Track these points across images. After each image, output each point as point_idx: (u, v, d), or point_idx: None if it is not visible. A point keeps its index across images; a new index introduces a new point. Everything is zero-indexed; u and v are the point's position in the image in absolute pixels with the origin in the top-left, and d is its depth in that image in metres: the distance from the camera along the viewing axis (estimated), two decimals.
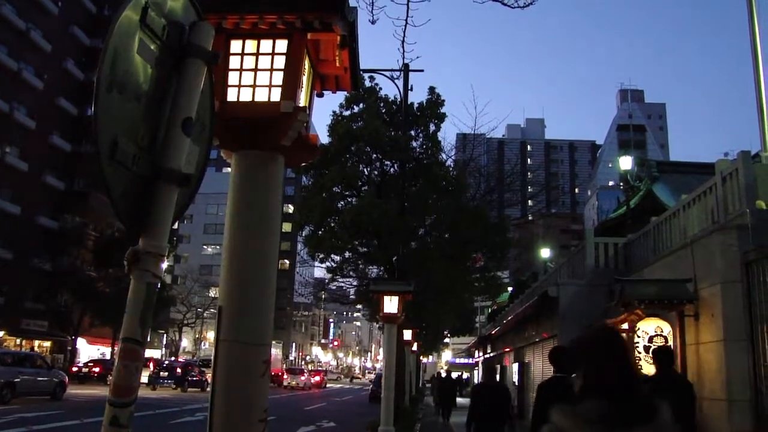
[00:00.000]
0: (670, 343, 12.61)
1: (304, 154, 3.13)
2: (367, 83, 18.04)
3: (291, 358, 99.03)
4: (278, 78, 2.87)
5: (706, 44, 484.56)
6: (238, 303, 2.82)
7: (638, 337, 12.79)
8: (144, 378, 38.61)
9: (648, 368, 12.57)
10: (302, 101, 2.99)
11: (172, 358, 57.19)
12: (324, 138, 18.19)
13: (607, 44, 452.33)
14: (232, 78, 2.90)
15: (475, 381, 44.90)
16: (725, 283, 11.42)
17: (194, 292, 69.21)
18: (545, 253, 41.08)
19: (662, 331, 12.69)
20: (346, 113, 17.79)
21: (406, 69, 18.12)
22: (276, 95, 2.85)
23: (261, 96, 2.88)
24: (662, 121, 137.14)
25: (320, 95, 3.37)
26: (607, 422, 2.14)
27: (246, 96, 2.89)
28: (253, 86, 2.89)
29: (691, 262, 12.79)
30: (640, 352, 12.69)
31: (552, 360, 7.67)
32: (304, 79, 3.03)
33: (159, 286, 2.01)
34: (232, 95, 2.89)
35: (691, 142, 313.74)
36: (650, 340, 12.65)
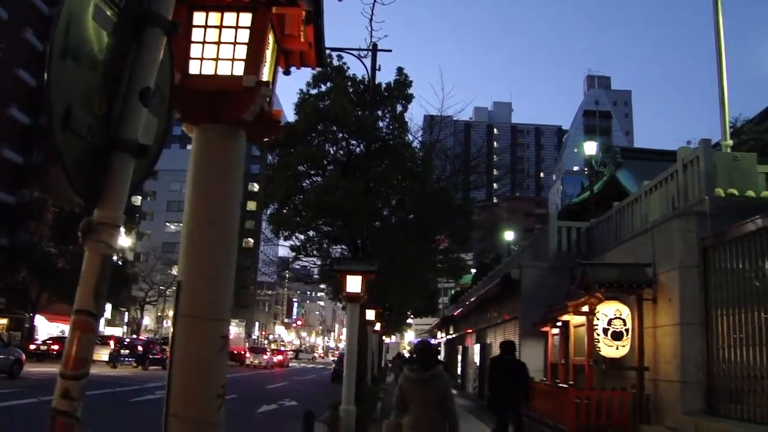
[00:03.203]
0: (629, 326, 12.84)
1: (266, 129, 3.09)
2: (335, 62, 17.89)
3: (254, 337, 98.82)
4: (241, 52, 2.82)
5: (673, 33, 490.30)
6: (197, 278, 2.79)
7: (598, 319, 13.00)
8: (104, 356, 38.28)
9: (606, 349, 12.85)
10: (265, 76, 2.95)
11: (134, 336, 56.66)
12: (291, 116, 18.04)
13: (576, 30, 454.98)
14: (195, 51, 2.84)
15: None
16: (683, 269, 11.64)
17: (157, 270, 68.44)
18: (509, 236, 41.34)
19: (621, 314, 12.90)
20: (313, 92, 17.60)
21: (374, 49, 18.02)
22: (239, 69, 2.81)
23: (224, 70, 2.83)
24: (628, 108, 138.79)
25: (286, 73, 3.33)
26: (418, 370, 6.50)
27: (208, 69, 2.84)
28: (216, 59, 2.84)
29: (651, 247, 13.01)
30: (599, 335, 12.89)
31: (502, 348, 13.44)
32: (268, 53, 2.98)
33: (121, 262, 1.97)
34: (194, 68, 2.83)
35: (656, 130, 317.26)
36: (609, 322, 12.87)
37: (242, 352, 57.03)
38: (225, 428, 2.72)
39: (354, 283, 11.85)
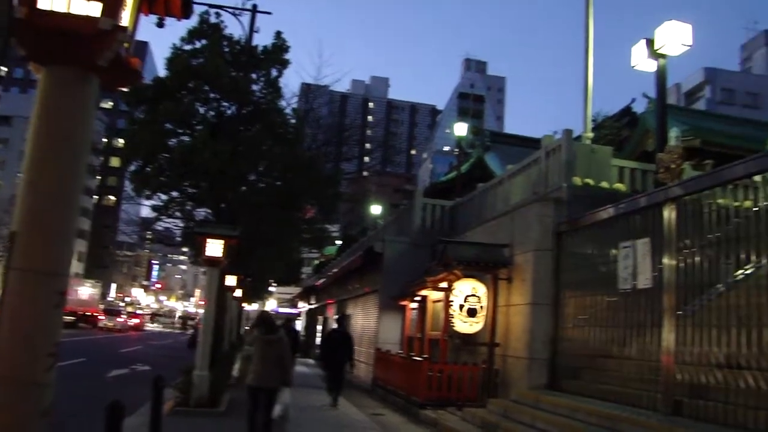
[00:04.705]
0: (483, 303, 13.28)
1: (122, 77, 2.93)
2: (213, 19, 17.31)
3: (110, 298, 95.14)
4: None
5: (550, 28, 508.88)
6: (34, 229, 2.62)
7: (455, 296, 13.36)
8: None
9: (460, 325, 13.25)
10: (125, 21, 2.77)
11: None
12: (162, 72, 17.32)
13: (457, 12, 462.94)
14: None
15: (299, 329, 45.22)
16: (538, 251, 12.15)
17: (4, 224, 64.21)
18: (376, 209, 41.70)
19: (477, 292, 13.34)
20: (187, 47, 16.95)
21: (253, 9, 17.56)
22: (95, 10, 2.62)
23: (78, 8, 2.62)
24: (501, 95, 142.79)
25: (160, 26, 3.18)
26: (264, 333, 8.79)
27: (60, 6, 2.62)
28: None
29: (510, 228, 13.48)
30: (454, 310, 13.27)
31: (337, 322, 16.86)
32: None
33: None
34: (44, 2, 2.61)
35: (526, 118, 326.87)
36: (465, 299, 13.27)
37: (95, 314, 54.69)
38: (54, 389, 2.58)
39: (214, 248, 11.61)
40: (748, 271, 7.43)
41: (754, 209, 7.43)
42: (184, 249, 29.50)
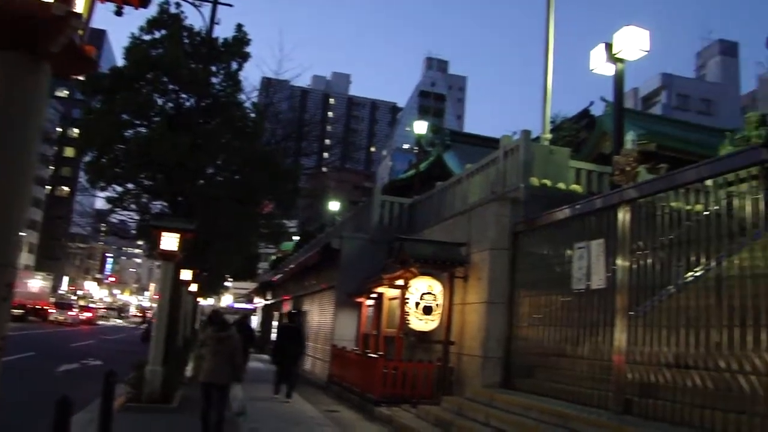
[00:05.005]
0: (439, 301, 13.33)
1: (75, 65, 2.87)
2: (173, 10, 17.11)
3: (61, 291, 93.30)
4: None
5: (512, 28, 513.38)
6: None
7: (411, 293, 13.39)
8: None
9: (416, 323, 13.28)
10: (79, 7, 2.71)
11: None
12: (120, 61, 17.05)
13: (420, 11, 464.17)
14: None
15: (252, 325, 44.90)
16: (494, 250, 12.24)
17: None
18: (335, 206, 41.62)
19: (433, 290, 13.38)
20: (147, 37, 16.71)
21: (215, 1, 17.38)
22: None
23: None
24: (462, 94, 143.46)
25: (119, 14, 3.13)
26: (217, 331, 9.18)
27: None
28: None
29: (467, 227, 13.55)
30: (410, 308, 13.29)
31: (289, 317, 17.50)
32: None
33: None
34: None
35: (486, 118, 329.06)
36: (421, 297, 13.30)
37: (46, 308, 53.52)
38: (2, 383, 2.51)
39: (169, 241, 11.47)
40: (697, 274, 7.58)
41: (705, 213, 7.58)
42: (139, 242, 29.11)
